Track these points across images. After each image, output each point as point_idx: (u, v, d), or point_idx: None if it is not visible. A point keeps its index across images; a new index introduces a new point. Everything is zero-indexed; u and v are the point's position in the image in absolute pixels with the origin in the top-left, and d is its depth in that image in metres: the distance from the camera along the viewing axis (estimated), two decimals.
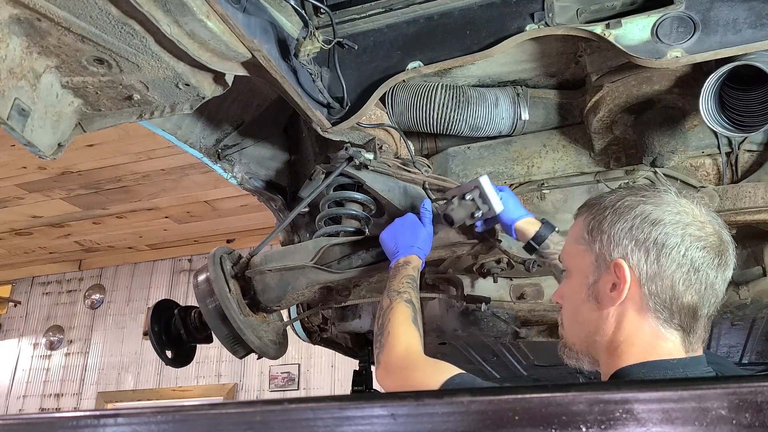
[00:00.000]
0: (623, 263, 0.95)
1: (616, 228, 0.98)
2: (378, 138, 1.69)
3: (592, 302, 1.00)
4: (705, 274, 0.94)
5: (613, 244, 0.97)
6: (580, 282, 1.03)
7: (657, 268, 0.94)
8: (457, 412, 0.51)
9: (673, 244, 0.93)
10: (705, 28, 1.32)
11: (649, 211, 0.96)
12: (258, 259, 1.65)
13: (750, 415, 0.46)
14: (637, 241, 0.95)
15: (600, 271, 0.99)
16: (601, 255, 0.99)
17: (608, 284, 0.97)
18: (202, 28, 1.14)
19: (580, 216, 1.07)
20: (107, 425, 0.58)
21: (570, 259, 1.08)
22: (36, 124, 1.21)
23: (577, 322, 1.04)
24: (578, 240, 1.05)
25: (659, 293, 0.94)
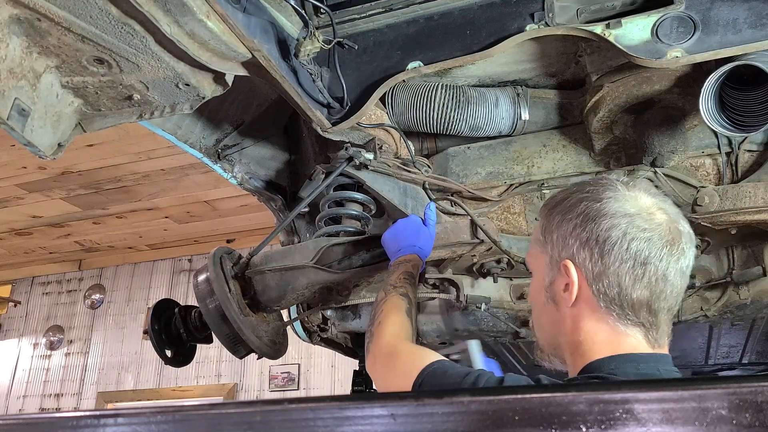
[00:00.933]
0: (570, 264, 0.95)
1: (562, 228, 0.97)
2: (378, 138, 1.69)
3: (551, 304, 1.00)
4: (654, 267, 0.91)
5: (562, 244, 0.97)
6: (540, 284, 1.03)
7: (601, 266, 0.92)
8: (457, 412, 0.51)
9: (615, 238, 0.91)
10: (705, 28, 1.32)
11: (591, 208, 0.94)
12: (258, 259, 1.65)
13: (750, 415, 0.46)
14: (581, 240, 0.94)
15: (554, 272, 0.99)
16: (553, 256, 0.99)
17: (562, 285, 0.97)
18: (202, 28, 1.14)
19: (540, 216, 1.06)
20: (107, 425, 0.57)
21: (531, 261, 1.07)
22: (36, 124, 1.21)
23: (541, 324, 1.04)
24: (536, 241, 1.05)
25: (607, 291, 0.92)
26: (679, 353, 2.75)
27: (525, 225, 1.91)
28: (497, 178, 1.90)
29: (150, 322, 1.69)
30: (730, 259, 1.89)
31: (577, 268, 0.94)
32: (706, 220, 1.54)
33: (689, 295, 1.93)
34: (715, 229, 1.60)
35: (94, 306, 6.82)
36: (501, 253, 1.74)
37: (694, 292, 1.93)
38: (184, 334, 1.71)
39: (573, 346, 0.96)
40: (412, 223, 1.54)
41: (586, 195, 0.97)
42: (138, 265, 6.77)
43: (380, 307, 1.36)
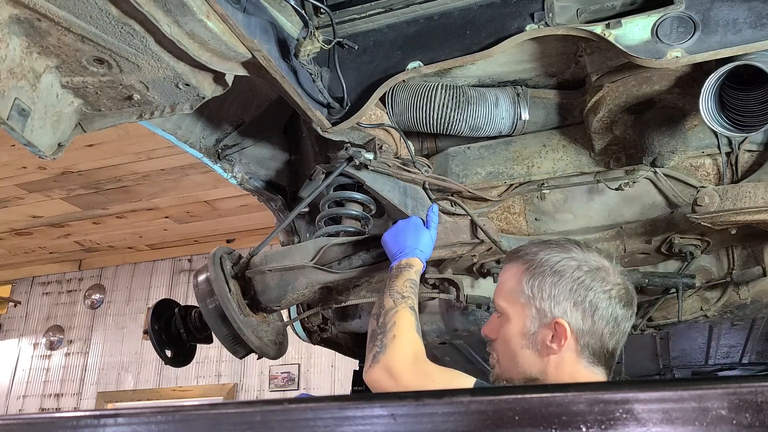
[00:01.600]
0: (564, 322, 1.14)
1: (557, 290, 1.16)
2: (378, 138, 1.69)
3: (532, 350, 1.17)
4: (623, 326, 1.18)
5: (554, 303, 1.16)
6: (519, 330, 1.19)
7: (591, 324, 1.15)
8: (457, 412, 0.51)
9: (604, 306, 1.15)
10: (705, 28, 1.32)
11: (584, 277, 1.16)
12: (258, 259, 1.65)
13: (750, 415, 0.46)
14: (575, 303, 1.15)
15: (539, 324, 1.17)
16: (542, 311, 1.16)
17: (548, 336, 1.15)
18: (202, 28, 1.14)
19: (514, 266, 1.24)
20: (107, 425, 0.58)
21: (509, 307, 1.22)
22: (36, 124, 1.21)
23: (517, 364, 1.19)
24: (518, 293, 1.20)
25: (592, 344, 1.15)
26: (679, 353, 2.75)
27: (525, 225, 1.91)
28: (497, 178, 1.90)
29: (150, 323, 1.69)
30: (730, 259, 1.89)
31: (569, 324, 1.14)
32: (706, 220, 1.54)
33: (689, 295, 1.93)
34: (715, 229, 1.60)
35: (94, 306, 6.82)
36: (501, 253, 1.74)
37: (694, 292, 1.93)
38: (184, 335, 1.71)
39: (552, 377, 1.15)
40: (413, 225, 1.54)
41: (577, 263, 1.18)
42: (138, 265, 6.76)
43: (392, 319, 1.34)
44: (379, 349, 1.30)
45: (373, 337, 1.34)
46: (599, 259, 1.20)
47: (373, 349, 1.31)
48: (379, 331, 1.34)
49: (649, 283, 1.85)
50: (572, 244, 1.24)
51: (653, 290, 1.92)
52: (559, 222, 1.88)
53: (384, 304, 1.39)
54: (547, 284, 1.17)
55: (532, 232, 1.90)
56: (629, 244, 1.82)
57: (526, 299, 1.18)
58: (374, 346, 1.32)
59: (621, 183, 1.74)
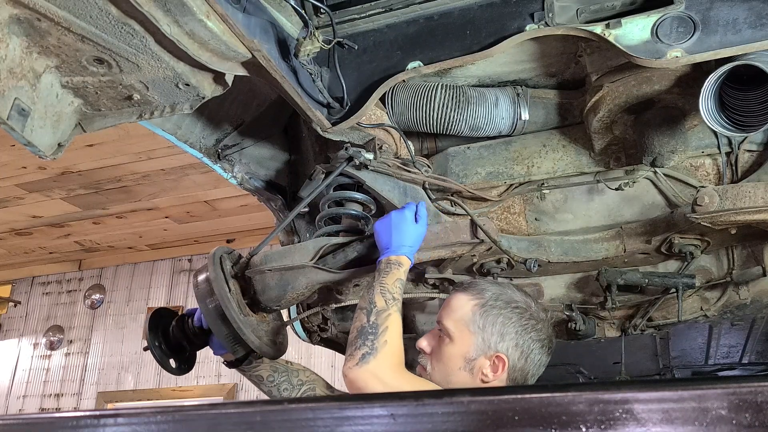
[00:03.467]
0: (504, 357, 1.34)
1: (505, 329, 1.35)
2: (378, 138, 1.69)
3: (466, 372, 1.34)
4: (542, 370, 1.40)
5: (500, 339, 1.34)
6: (460, 353, 1.35)
7: (523, 364, 1.35)
8: (457, 412, 0.51)
9: (536, 353, 1.37)
10: (705, 28, 1.32)
11: (527, 324, 1.36)
12: (258, 259, 1.65)
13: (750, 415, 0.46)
14: (518, 345, 1.35)
15: (482, 353, 1.34)
16: (487, 342, 1.34)
17: (486, 365, 1.33)
18: (202, 28, 1.14)
19: (467, 296, 1.40)
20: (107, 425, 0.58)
21: (456, 331, 1.37)
22: (36, 124, 1.21)
23: (449, 382, 1.34)
24: (469, 322, 1.36)
25: (516, 379, 1.35)
26: (679, 353, 2.75)
27: (525, 225, 1.91)
28: (497, 178, 1.90)
29: (149, 339, 1.67)
30: (730, 259, 1.89)
31: (507, 360, 1.34)
32: (706, 220, 1.54)
33: (689, 295, 1.93)
34: (715, 229, 1.60)
35: (94, 306, 6.82)
36: (501, 253, 1.74)
37: (694, 292, 1.93)
38: (186, 344, 1.70)
39: None
40: (404, 219, 1.54)
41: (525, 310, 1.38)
42: (138, 265, 6.76)
43: (384, 322, 1.35)
44: (369, 351, 1.30)
45: (362, 335, 1.34)
46: (538, 310, 1.41)
47: (361, 348, 1.32)
48: (370, 331, 1.34)
49: (649, 283, 1.85)
50: (520, 290, 1.44)
51: (653, 290, 1.92)
52: (559, 222, 1.88)
53: (375, 300, 1.39)
54: (498, 322, 1.35)
55: (532, 232, 1.90)
56: (629, 244, 1.82)
57: (475, 329, 1.35)
58: (363, 345, 1.32)
59: (621, 183, 1.74)
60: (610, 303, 1.83)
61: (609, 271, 1.84)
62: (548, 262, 1.84)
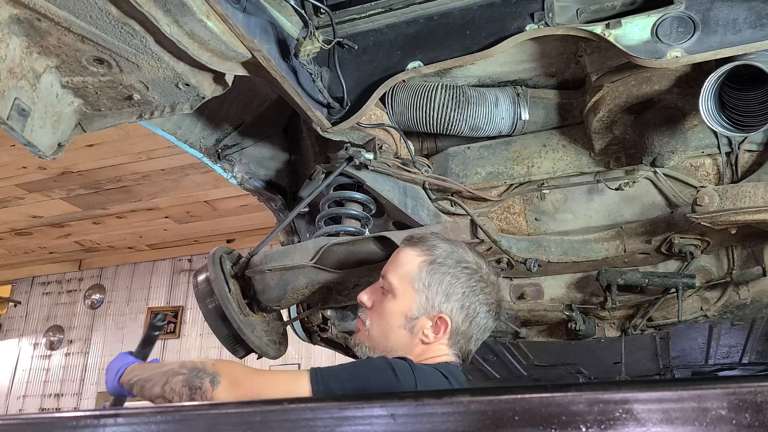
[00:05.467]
0: (447, 318, 1.27)
1: (451, 289, 1.28)
2: (378, 138, 1.69)
3: (407, 331, 1.28)
4: (486, 335, 1.35)
5: (445, 299, 1.28)
6: (402, 310, 1.29)
7: (467, 327, 1.29)
8: (457, 412, 0.51)
9: (482, 316, 1.31)
10: (705, 28, 1.32)
11: (476, 286, 1.30)
12: (258, 259, 1.65)
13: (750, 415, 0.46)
14: (463, 307, 1.29)
15: (424, 313, 1.28)
16: (431, 301, 1.28)
17: (427, 325, 1.28)
18: (202, 28, 1.14)
19: (415, 251, 1.33)
20: (107, 425, 0.58)
21: (399, 287, 1.30)
22: (36, 124, 1.21)
23: (388, 338, 1.29)
24: (414, 279, 1.29)
25: (461, 344, 1.30)
26: (679, 353, 2.75)
27: (525, 225, 1.91)
28: (497, 178, 1.90)
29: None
30: (730, 259, 1.89)
31: (451, 322, 1.27)
32: (706, 220, 1.54)
33: (689, 295, 1.93)
34: (715, 228, 1.60)
35: (94, 306, 6.82)
36: (501, 253, 1.74)
37: (694, 292, 1.93)
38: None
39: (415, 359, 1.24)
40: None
41: (475, 270, 1.31)
42: (138, 265, 6.76)
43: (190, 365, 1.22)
44: (209, 376, 1.19)
45: (188, 386, 1.19)
46: (489, 272, 1.34)
47: (202, 385, 1.18)
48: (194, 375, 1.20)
49: (649, 283, 1.85)
50: (472, 250, 1.37)
51: (653, 290, 1.92)
52: (559, 222, 1.88)
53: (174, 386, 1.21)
54: (444, 282, 1.28)
55: (532, 231, 1.90)
56: (629, 244, 1.82)
57: (420, 286, 1.29)
58: (200, 381, 1.19)
59: (621, 183, 1.74)
60: (610, 303, 1.83)
61: (609, 271, 1.84)
62: (548, 262, 1.84)
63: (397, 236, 1.58)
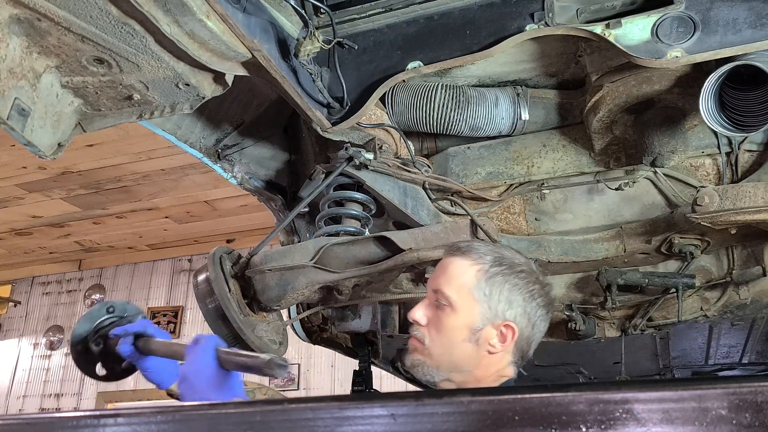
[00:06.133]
0: (514, 325, 1.22)
1: (513, 295, 1.23)
2: (378, 138, 1.69)
3: (472, 344, 1.22)
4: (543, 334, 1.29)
5: (508, 306, 1.22)
6: (465, 323, 1.22)
7: (530, 333, 1.25)
8: (457, 412, 0.51)
9: (542, 319, 1.26)
10: (705, 28, 1.32)
11: (535, 290, 1.25)
12: (258, 259, 1.64)
13: (750, 415, 0.46)
14: (525, 312, 1.23)
15: (487, 321, 1.22)
16: (493, 310, 1.22)
17: (492, 336, 1.22)
18: (202, 28, 1.14)
19: (466, 261, 1.26)
20: (107, 425, 0.57)
21: (458, 300, 1.24)
22: (36, 124, 1.21)
23: (452, 354, 1.23)
24: (473, 289, 1.23)
25: (522, 348, 1.25)
26: (679, 353, 2.75)
27: (525, 225, 1.91)
28: (497, 178, 1.90)
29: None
30: (730, 259, 1.89)
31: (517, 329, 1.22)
32: (706, 220, 1.54)
33: (689, 295, 1.93)
34: (715, 228, 1.60)
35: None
36: None
37: (694, 292, 1.93)
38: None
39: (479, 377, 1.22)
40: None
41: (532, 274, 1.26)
42: (138, 265, 6.76)
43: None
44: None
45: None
46: (540, 273, 1.29)
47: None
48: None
49: (649, 283, 1.85)
50: (520, 253, 1.33)
51: (653, 290, 1.92)
52: (559, 222, 1.88)
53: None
54: (505, 288, 1.23)
55: (532, 232, 1.90)
56: (629, 244, 1.82)
57: (480, 296, 1.23)
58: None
59: (621, 183, 1.74)
60: (610, 303, 1.83)
61: (609, 271, 1.84)
62: (548, 262, 1.84)
63: (397, 236, 1.58)
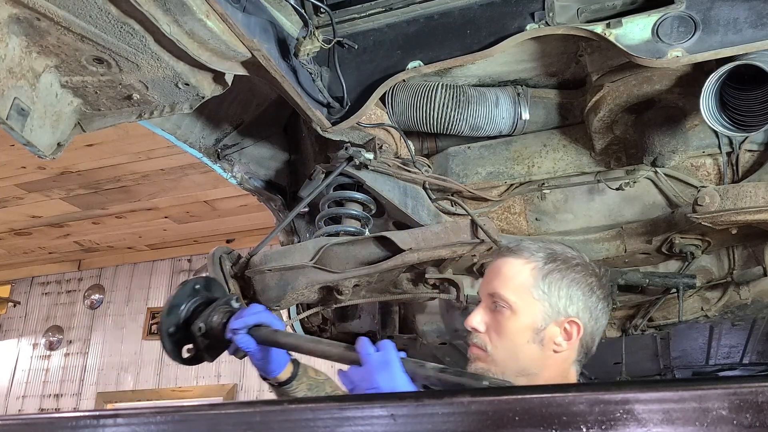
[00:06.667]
0: (579, 321, 1.19)
1: (572, 290, 1.19)
2: (378, 138, 1.69)
3: (537, 344, 1.18)
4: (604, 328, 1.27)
5: (569, 302, 1.19)
6: (528, 325, 1.19)
7: (593, 327, 1.21)
8: (457, 412, 0.51)
9: (603, 313, 1.23)
10: (706, 28, 1.32)
11: (593, 283, 1.21)
12: (258, 259, 1.64)
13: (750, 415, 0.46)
14: (587, 306, 1.20)
15: (549, 320, 1.18)
16: (555, 307, 1.18)
17: (557, 334, 1.18)
18: (201, 28, 1.14)
19: (519, 260, 1.22)
20: (107, 425, 0.57)
21: (518, 301, 1.20)
22: (35, 123, 1.21)
23: (518, 358, 1.19)
24: (532, 287, 1.20)
25: (587, 344, 1.22)
26: (679, 353, 2.75)
27: (525, 225, 1.91)
28: (497, 178, 1.90)
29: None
30: (731, 259, 1.89)
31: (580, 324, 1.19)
32: (706, 220, 1.54)
33: (690, 296, 1.93)
34: (716, 229, 1.60)
35: (93, 306, 6.82)
36: None
37: (694, 292, 1.93)
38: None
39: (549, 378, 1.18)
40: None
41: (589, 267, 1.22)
42: (137, 265, 6.75)
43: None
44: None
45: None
46: (595, 266, 1.25)
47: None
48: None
49: (650, 283, 1.85)
50: (571, 248, 1.27)
51: (654, 290, 1.92)
52: (560, 222, 1.88)
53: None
54: (564, 284, 1.19)
55: (533, 232, 1.90)
56: (630, 244, 1.82)
57: (540, 294, 1.19)
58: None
59: (621, 183, 1.74)
60: (611, 303, 1.83)
61: (609, 271, 1.83)
62: None
63: (397, 236, 1.58)
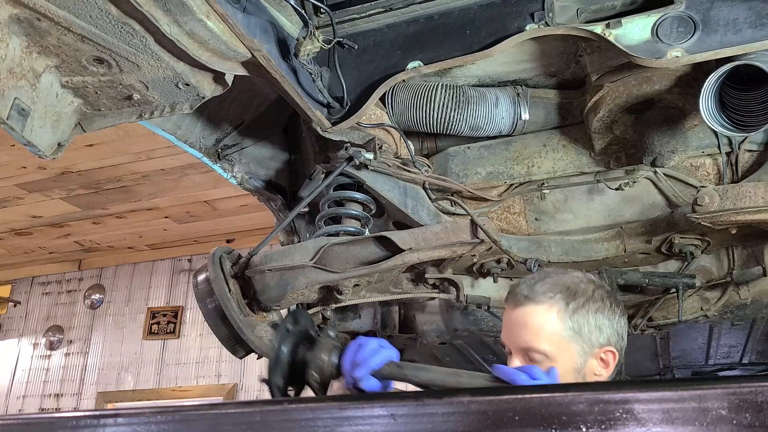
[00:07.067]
0: (613, 348, 1.21)
1: (598, 319, 1.21)
2: (378, 138, 1.69)
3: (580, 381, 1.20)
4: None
5: (599, 333, 1.21)
6: (569, 368, 1.20)
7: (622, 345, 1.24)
8: (457, 412, 0.51)
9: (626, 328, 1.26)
10: (705, 28, 1.32)
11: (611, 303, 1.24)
12: (258, 259, 1.64)
13: (750, 415, 0.46)
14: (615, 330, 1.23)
15: (586, 356, 1.21)
16: (588, 341, 1.20)
17: (595, 366, 1.21)
18: (202, 28, 1.14)
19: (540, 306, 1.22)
20: (107, 425, 0.57)
21: (554, 349, 1.20)
22: (36, 123, 1.21)
23: None
24: (562, 331, 1.21)
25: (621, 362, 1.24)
26: (679, 353, 2.75)
27: (525, 225, 1.91)
28: (497, 178, 1.90)
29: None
30: (731, 258, 1.88)
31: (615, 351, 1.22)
32: (706, 220, 1.54)
33: (690, 295, 1.93)
34: (716, 228, 1.60)
35: (93, 306, 6.82)
36: (501, 253, 1.74)
37: (694, 292, 1.93)
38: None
39: None
40: None
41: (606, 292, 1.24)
42: (138, 265, 6.75)
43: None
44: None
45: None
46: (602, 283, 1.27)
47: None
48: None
49: (649, 283, 1.85)
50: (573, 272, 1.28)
51: (653, 290, 1.92)
52: (559, 222, 1.88)
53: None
54: (590, 317, 1.21)
55: (532, 231, 1.90)
56: (629, 243, 1.82)
57: (571, 336, 1.20)
58: None
59: (621, 183, 1.74)
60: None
61: (609, 271, 1.83)
62: (548, 262, 1.84)
63: (397, 236, 1.58)
